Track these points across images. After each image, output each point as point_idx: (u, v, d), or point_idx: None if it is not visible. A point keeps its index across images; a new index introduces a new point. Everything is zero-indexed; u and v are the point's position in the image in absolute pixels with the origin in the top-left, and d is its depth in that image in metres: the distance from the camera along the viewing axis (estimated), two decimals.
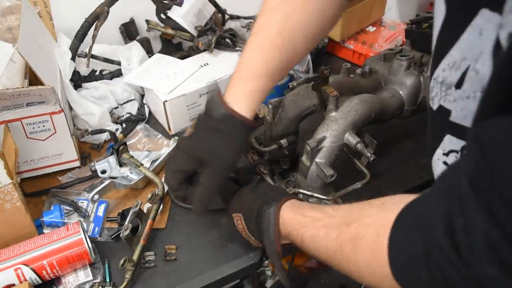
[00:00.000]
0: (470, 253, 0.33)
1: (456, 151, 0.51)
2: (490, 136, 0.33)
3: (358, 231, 0.49)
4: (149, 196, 0.82)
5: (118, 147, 0.86)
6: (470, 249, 0.33)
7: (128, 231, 0.73)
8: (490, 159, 0.32)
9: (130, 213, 0.77)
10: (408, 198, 0.46)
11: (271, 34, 0.65)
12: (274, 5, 0.66)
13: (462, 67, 0.45)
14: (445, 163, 0.53)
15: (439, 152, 0.54)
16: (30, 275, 0.69)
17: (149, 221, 0.77)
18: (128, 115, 1.05)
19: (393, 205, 0.46)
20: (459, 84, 0.47)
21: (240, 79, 0.67)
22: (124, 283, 0.71)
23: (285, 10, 0.65)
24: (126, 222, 0.75)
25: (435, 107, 0.52)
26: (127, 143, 0.90)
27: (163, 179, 0.89)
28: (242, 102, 0.66)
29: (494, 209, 0.31)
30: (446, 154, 0.52)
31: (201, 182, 0.67)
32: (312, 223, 0.57)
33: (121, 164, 0.88)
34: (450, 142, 0.51)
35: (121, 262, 0.73)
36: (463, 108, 0.47)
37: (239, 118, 0.65)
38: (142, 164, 0.87)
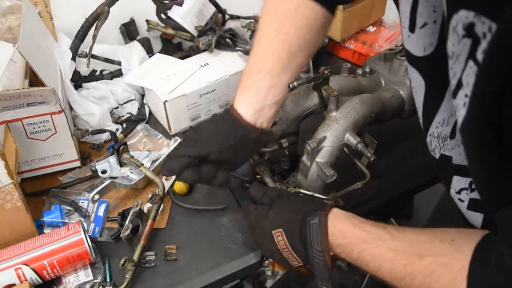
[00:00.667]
0: None
1: (466, 188, 0.57)
2: None
3: (432, 268, 0.51)
4: (150, 196, 0.82)
5: (118, 147, 0.86)
6: None
7: (128, 231, 0.73)
8: None
9: (131, 213, 0.77)
10: (476, 235, 0.49)
11: (266, 41, 0.71)
12: (269, 20, 0.72)
13: (451, 122, 0.54)
14: (460, 199, 0.59)
15: (452, 192, 0.60)
16: (30, 275, 0.69)
17: (150, 221, 0.77)
18: (129, 115, 1.05)
19: (464, 245, 0.49)
20: (452, 135, 0.54)
21: (240, 83, 0.72)
22: (125, 283, 0.71)
23: (276, 22, 0.70)
24: (127, 222, 0.75)
25: (437, 156, 0.59)
26: (128, 143, 0.90)
27: (163, 179, 0.89)
28: (238, 98, 0.70)
29: None
30: (458, 192, 0.58)
31: (176, 151, 0.70)
32: (375, 241, 0.57)
33: (121, 164, 0.88)
34: (458, 182, 0.58)
35: (122, 262, 0.73)
36: (461, 152, 0.55)
37: (235, 114, 0.69)
38: (143, 164, 0.87)
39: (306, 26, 0.70)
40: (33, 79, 0.90)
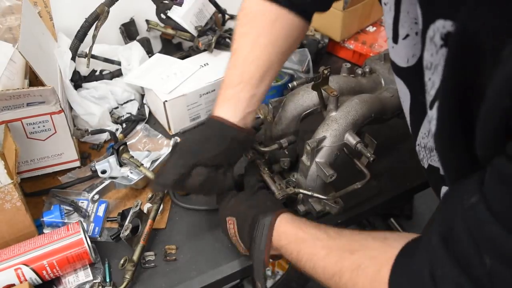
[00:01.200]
0: None
1: None
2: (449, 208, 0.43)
3: (360, 261, 0.52)
4: (150, 196, 0.82)
5: (118, 147, 0.86)
6: None
7: (128, 231, 0.73)
8: (456, 226, 0.41)
9: (130, 213, 0.77)
10: (409, 236, 0.50)
11: (243, 52, 0.72)
12: (245, 30, 0.73)
13: None
14: None
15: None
16: (30, 275, 0.69)
17: (149, 221, 0.77)
18: (128, 115, 1.05)
19: (395, 242, 0.50)
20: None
21: (220, 93, 0.73)
22: (124, 283, 0.71)
23: (253, 34, 0.72)
24: (126, 222, 0.75)
25: (425, 166, 0.60)
26: (127, 143, 0.90)
27: None
28: (220, 107, 0.71)
29: (461, 259, 0.40)
30: None
31: (167, 165, 0.69)
32: (312, 241, 0.59)
33: (121, 164, 0.88)
34: None
35: (121, 262, 0.73)
36: None
37: (216, 119, 0.70)
38: (142, 164, 0.87)
39: (283, 37, 0.72)
40: (33, 79, 0.90)
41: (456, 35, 0.39)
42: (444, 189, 0.58)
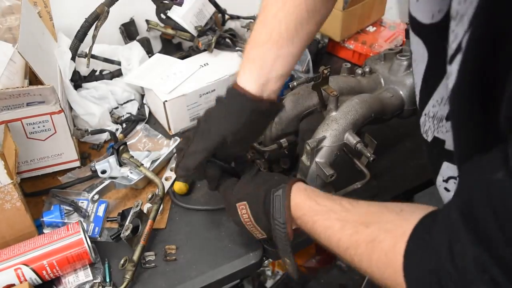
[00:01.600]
0: (464, 275, 0.38)
1: (454, 177, 0.55)
2: (471, 178, 0.40)
3: (375, 234, 0.50)
4: (150, 196, 0.82)
5: (118, 147, 0.86)
6: (465, 272, 0.38)
7: (129, 231, 0.73)
8: (477, 202, 0.38)
9: (131, 213, 0.77)
10: (426, 209, 0.48)
11: (273, 8, 0.67)
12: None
13: None
14: (446, 189, 0.57)
15: (439, 179, 0.58)
16: (30, 275, 0.69)
17: (150, 221, 0.77)
18: (128, 115, 1.05)
19: (411, 215, 0.48)
20: (449, 117, 0.51)
21: (244, 54, 0.69)
22: (124, 283, 0.71)
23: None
24: (127, 222, 0.75)
25: (429, 139, 0.56)
26: (127, 143, 0.90)
27: (163, 179, 0.89)
28: (243, 71, 0.67)
29: (482, 236, 0.37)
30: (446, 181, 0.56)
31: (189, 148, 0.67)
32: (327, 213, 0.57)
33: (121, 164, 0.88)
34: (448, 169, 0.55)
35: (121, 262, 0.73)
36: None
37: (239, 90, 0.66)
38: (142, 164, 0.87)
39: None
40: (33, 79, 0.90)
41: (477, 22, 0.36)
42: (445, 165, 0.55)
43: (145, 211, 0.81)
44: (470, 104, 0.41)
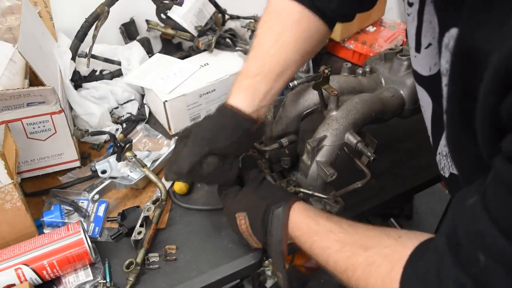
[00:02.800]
0: None
1: None
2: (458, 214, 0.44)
3: (373, 258, 0.52)
4: (154, 199, 0.82)
5: (125, 144, 0.86)
6: None
7: (142, 235, 0.75)
8: (458, 227, 0.42)
9: (141, 216, 0.78)
10: (423, 236, 0.51)
11: (265, 46, 0.72)
12: (270, 25, 0.73)
13: None
14: None
15: None
16: (30, 275, 0.69)
17: (153, 225, 0.78)
18: (128, 115, 1.05)
19: (409, 241, 0.51)
20: None
21: (237, 82, 0.72)
22: (128, 286, 0.71)
23: (277, 29, 0.72)
24: (137, 226, 0.76)
25: (446, 175, 0.59)
26: None
27: (163, 179, 0.89)
28: (236, 96, 0.70)
29: (461, 258, 0.41)
30: None
31: (181, 153, 0.68)
32: (325, 234, 0.59)
33: (120, 159, 0.88)
34: None
35: (126, 263, 0.73)
36: None
37: (229, 108, 0.69)
38: (146, 165, 0.87)
39: (305, 38, 0.72)
40: (33, 79, 0.90)
41: (457, 40, 0.41)
42: None
43: (146, 211, 0.81)
44: (461, 147, 0.47)
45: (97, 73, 1.08)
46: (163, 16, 1.11)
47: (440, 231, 0.46)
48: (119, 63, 1.09)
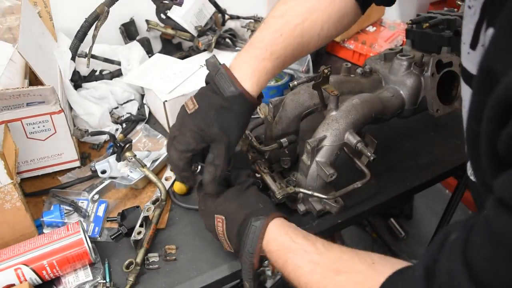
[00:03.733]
0: None
1: None
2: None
3: (344, 284, 0.52)
4: (153, 199, 0.82)
5: (124, 144, 0.86)
6: None
7: (142, 235, 0.75)
8: (437, 261, 0.42)
9: (141, 217, 0.78)
10: (397, 264, 0.50)
11: (293, 22, 0.68)
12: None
13: None
14: None
15: None
16: (30, 275, 0.69)
17: (153, 226, 0.78)
18: (128, 115, 1.05)
19: (382, 268, 0.50)
20: None
21: (253, 56, 0.68)
22: (127, 286, 0.71)
23: (310, 4, 0.68)
24: (137, 226, 0.76)
25: (474, 179, 0.57)
26: None
27: (163, 179, 0.89)
28: (252, 81, 0.67)
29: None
30: None
31: (211, 162, 0.67)
32: (300, 253, 0.59)
33: (120, 159, 0.88)
34: None
35: (126, 264, 0.73)
36: None
37: (249, 98, 0.66)
38: (146, 165, 0.87)
39: (335, 20, 0.69)
40: (33, 79, 0.90)
41: (482, 56, 0.40)
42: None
43: (145, 211, 0.81)
44: (477, 161, 0.45)
45: (97, 73, 1.08)
46: (163, 16, 1.11)
47: (419, 263, 0.45)
48: (119, 63, 1.09)
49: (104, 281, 0.72)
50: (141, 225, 0.77)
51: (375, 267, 0.51)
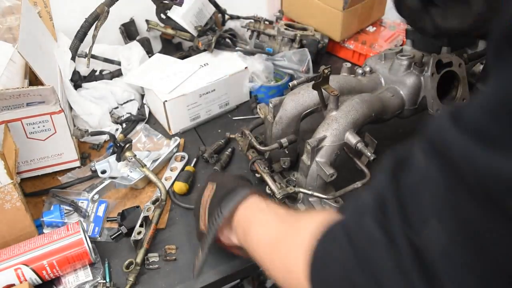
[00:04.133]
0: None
1: None
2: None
3: (287, 230, 0.54)
4: (153, 199, 0.82)
5: (124, 144, 0.86)
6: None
7: (142, 235, 0.75)
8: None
9: (141, 216, 0.78)
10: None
11: None
12: None
13: None
14: None
15: None
16: (30, 275, 0.69)
17: (153, 225, 0.78)
18: (128, 115, 1.05)
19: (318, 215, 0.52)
20: None
21: None
22: (127, 286, 0.71)
23: None
24: (137, 226, 0.76)
25: None
26: None
27: (163, 179, 0.89)
28: None
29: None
30: None
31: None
32: (262, 223, 0.59)
33: (120, 159, 0.88)
34: None
35: (126, 264, 0.73)
36: None
37: None
38: (146, 165, 0.87)
39: None
40: (33, 79, 0.90)
41: None
42: None
43: (145, 211, 0.81)
44: None
45: (97, 73, 1.08)
46: (163, 16, 1.11)
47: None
48: (119, 63, 1.09)
49: (104, 281, 0.72)
50: (141, 225, 0.77)
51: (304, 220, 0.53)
